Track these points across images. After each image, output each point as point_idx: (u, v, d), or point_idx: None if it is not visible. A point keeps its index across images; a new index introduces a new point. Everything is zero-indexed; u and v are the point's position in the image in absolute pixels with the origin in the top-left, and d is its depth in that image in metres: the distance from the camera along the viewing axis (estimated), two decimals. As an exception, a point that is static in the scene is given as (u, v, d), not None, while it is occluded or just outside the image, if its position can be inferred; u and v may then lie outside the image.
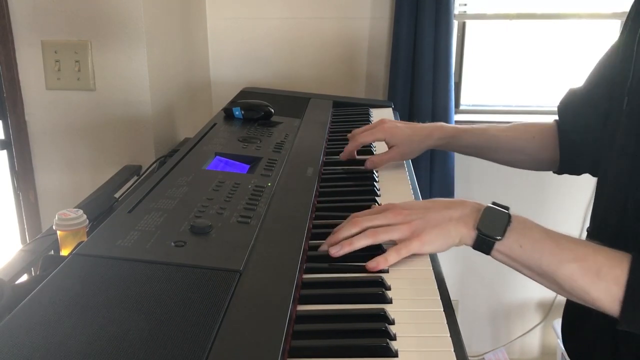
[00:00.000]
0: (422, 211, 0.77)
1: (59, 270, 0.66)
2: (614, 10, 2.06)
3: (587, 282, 0.68)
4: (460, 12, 2.09)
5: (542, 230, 0.73)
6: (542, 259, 0.70)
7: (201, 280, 0.65)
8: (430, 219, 0.76)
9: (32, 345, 0.53)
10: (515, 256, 0.72)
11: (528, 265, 0.72)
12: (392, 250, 0.76)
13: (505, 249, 0.72)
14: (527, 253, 0.71)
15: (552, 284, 0.72)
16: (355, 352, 0.60)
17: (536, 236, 0.72)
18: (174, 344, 0.54)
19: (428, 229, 0.75)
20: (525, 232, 0.73)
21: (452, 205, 0.77)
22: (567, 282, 0.69)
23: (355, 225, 0.79)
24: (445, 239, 0.75)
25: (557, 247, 0.71)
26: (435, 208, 0.78)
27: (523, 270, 0.74)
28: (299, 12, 2.05)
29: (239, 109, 1.36)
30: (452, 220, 0.75)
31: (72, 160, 1.52)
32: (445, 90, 1.98)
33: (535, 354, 2.38)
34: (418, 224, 0.76)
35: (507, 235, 0.72)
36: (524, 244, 0.72)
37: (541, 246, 0.71)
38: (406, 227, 0.76)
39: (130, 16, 1.41)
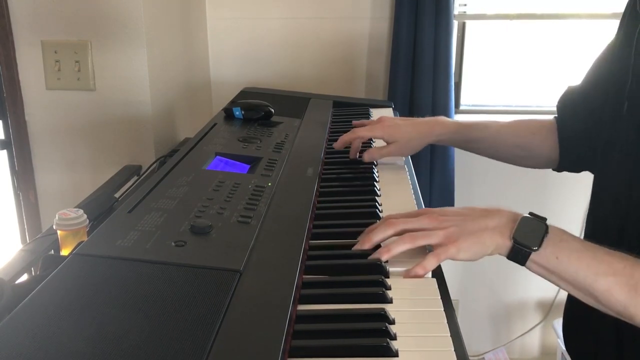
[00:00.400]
0: (459, 218, 0.76)
1: (59, 270, 0.66)
2: (614, 10, 2.06)
3: (624, 297, 0.67)
4: (460, 12, 2.09)
5: (579, 242, 0.72)
6: (579, 272, 0.69)
7: (201, 280, 0.65)
8: (466, 227, 0.75)
9: (32, 345, 0.53)
10: (552, 268, 0.71)
11: (564, 278, 0.71)
12: (431, 256, 0.74)
13: (541, 260, 0.71)
14: (563, 265, 0.70)
15: (590, 297, 0.71)
16: (356, 352, 0.60)
17: (573, 248, 0.71)
18: (174, 344, 0.54)
19: (464, 236, 0.74)
20: (562, 243, 0.71)
21: (489, 214, 0.76)
22: (604, 296, 0.68)
23: (391, 226, 0.78)
24: (480, 248, 0.74)
25: (594, 260, 0.69)
26: (471, 216, 0.76)
27: (559, 282, 0.72)
28: (299, 12, 2.05)
29: (239, 109, 1.36)
30: (488, 229, 0.74)
31: (72, 160, 1.52)
32: (445, 90, 1.98)
33: (535, 354, 2.38)
34: (454, 231, 0.75)
35: (544, 246, 0.71)
36: (560, 256, 0.70)
37: (578, 258, 0.70)
38: (442, 232, 0.75)
39: (130, 16, 1.41)
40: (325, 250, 0.82)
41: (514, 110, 2.20)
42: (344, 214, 0.94)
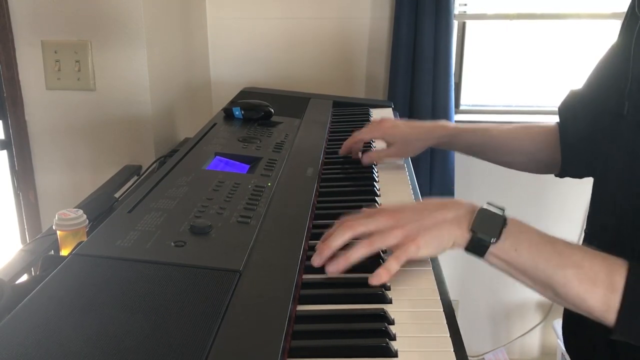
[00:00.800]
0: (415, 213, 0.74)
1: (59, 270, 0.66)
2: (614, 10, 2.06)
3: (583, 289, 0.66)
4: (460, 12, 2.09)
5: (538, 234, 0.71)
6: (538, 264, 0.68)
7: (201, 280, 0.65)
8: (423, 222, 0.73)
9: (32, 345, 0.53)
10: (510, 260, 0.70)
11: (523, 270, 0.69)
12: (392, 259, 0.72)
13: (500, 252, 0.70)
14: (522, 257, 0.69)
15: (547, 291, 0.69)
16: (355, 352, 0.60)
17: (532, 240, 0.70)
18: (174, 344, 0.54)
19: (422, 232, 0.72)
20: (521, 235, 0.70)
21: (446, 207, 0.74)
22: (562, 288, 0.67)
23: (347, 229, 0.75)
24: (440, 242, 0.72)
25: (553, 252, 0.68)
26: (427, 210, 0.74)
27: (518, 275, 0.71)
28: (299, 12, 2.05)
29: (239, 109, 1.36)
30: (446, 221, 0.72)
31: (72, 160, 1.52)
32: (445, 90, 1.98)
33: (535, 354, 2.38)
34: (412, 228, 0.72)
35: (503, 237, 0.69)
36: (519, 248, 0.69)
37: (537, 250, 0.68)
38: (400, 231, 0.72)
39: (130, 16, 1.41)
40: (325, 250, 0.81)
41: (514, 110, 2.20)
42: (344, 214, 0.94)
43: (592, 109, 0.96)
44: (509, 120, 2.14)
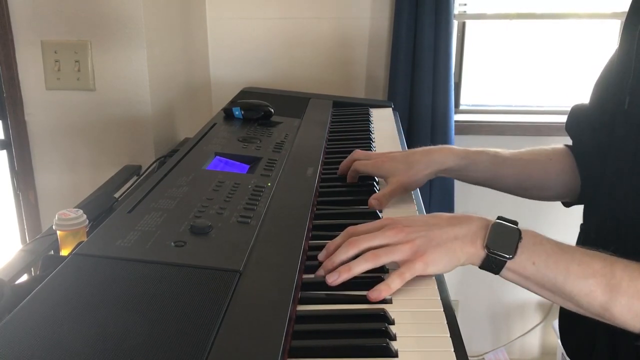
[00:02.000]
0: (425, 228, 0.72)
1: (59, 270, 0.66)
2: (614, 10, 2.06)
3: (606, 298, 0.64)
4: (460, 12, 2.09)
5: (555, 245, 0.69)
6: (557, 277, 0.66)
7: (201, 280, 0.65)
8: (433, 237, 0.70)
9: (32, 345, 0.53)
10: (528, 275, 0.68)
11: (542, 284, 0.68)
12: (395, 275, 0.70)
13: (517, 267, 0.68)
14: (540, 271, 0.67)
15: (569, 302, 0.68)
16: (355, 352, 0.60)
17: (549, 251, 0.68)
18: (174, 344, 0.54)
19: (431, 248, 0.70)
20: (536, 247, 0.68)
21: (457, 222, 0.72)
22: (585, 299, 0.65)
23: (352, 246, 0.72)
24: (450, 259, 0.70)
25: (572, 263, 0.66)
26: (438, 225, 0.72)
27: (537, 289, 0.69)
28: (299, 12, 2.05)
29: (239, 109, 1.36)
30: (458, 238, 0.70)
31: (72, 160, 1.52)
32: (445, 90, 1.98)
33: (535, 354, 2.38)
34: (421, 243, 0.70)
35: (519, 252, 0.67)
36: (537, 261, 0.67)
37: (555, 262, 0.67)
38: (408, 246, 0.70)
39: (130, 16, 1.41)
40: (325, 251, 0.81)
41: (514, 110, 2.20)
42: (344, 214, 0.94)
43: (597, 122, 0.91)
44: (509, 120, 2.14)
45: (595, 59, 2.12)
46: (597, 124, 0.91)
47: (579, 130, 0.97)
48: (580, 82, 2.15)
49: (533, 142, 2.22)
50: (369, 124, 1.44)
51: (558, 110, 2.17)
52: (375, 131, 1.40)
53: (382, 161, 1.01)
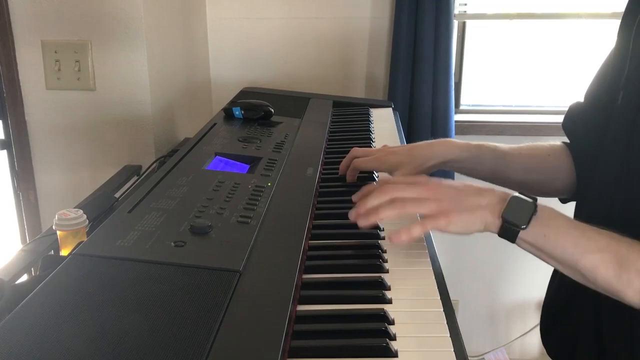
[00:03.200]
0: (453, 192, 0.77)
1: (59, 270, 0.66)
2: (614, 10, 2.06)
3: (610, 273, 0.68)
4: (460, 12, 2.09)
5: (567, 221, 0.73)
6: (565, 250, 0.71)
7: (201, 280, 0.65)
8: (460, 201, 0.76)
9: (32, 345, 0.53)
10: (540, 246, 0.72)
11: (552, 255, 0.72)
12: (418, 224, 0.75)
13: (529, 238, 0.72)
14: (550, 243, 0.72)
15: (577, 275, 0.72)
16: (355, 352, 0.60)
17: (561, 226, 0.72)
18: (174, 344, 0.54)
19: (456, 210, 0.75)
20: (549, 222, 0.73)
21: (482, 192, 0.77)
22: (590, 273, 0.70)
23: (385, 192, 0.79)
24: (471, 223, 0.75)
25: (581, 238, 0.71)
26: (466, 192, 0.77)
27: (548, 260, 0.74)
28: (299, 12, 2.05)
29: (239, 109, 1.36)
30: (480, 207, 0.75)
31: (72, 160, 1.52)
32: (445, 90, 1.98)
33: (535, 354, 2.38)
34: (447, 204, 0.76)
35: (532, 224, 0.72)
36: (548, 234, 0.72)
37: (565, 236, 0.71)
38: (435, 204, 0.76)
39: (130, 16, 1.41)
40: (325, 251, 0.82)
41: (514, 110, 2.20)
42: (344, 214, 0.94)
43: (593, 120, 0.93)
44: (509, 120, 2.14)
45: (595, 59, 2.12)
46: (590, 121, 0.94)
47: (575, 128, 1.00)
48: (580, 82, 2.14)
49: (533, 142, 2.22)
50: (369, 124, 1.44)
51: (558, 110, 2.17)
52: (375, 131, 1.40)
53: (384, 155, 1.03)
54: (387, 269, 0.76)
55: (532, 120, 2.13)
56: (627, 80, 0.82)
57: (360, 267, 0.76)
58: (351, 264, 0.77)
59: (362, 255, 0.79)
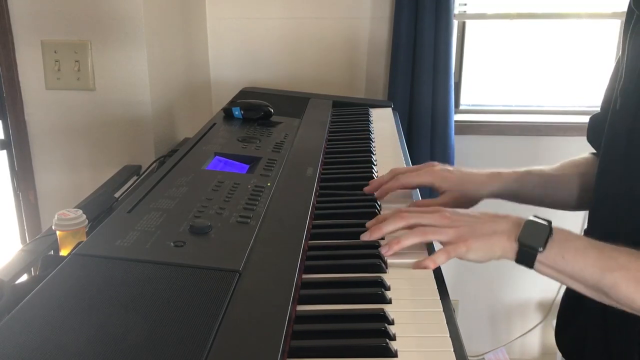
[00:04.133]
0: (469, 219, 0.78)
1: (59, 270, 0.66)
2: (614, 10, 2.06)
3: (631, 290, 0.68)
4: (460, 12, 2.09)
5: (585, 241, 0.73)
6: (585, 270, 0.71)
7: (201, 280, 0.65)
8: (476, 229, 0.76)
9: (32, 345, 0.53)
10: (559, 268, 0.72)
11: (572, 276, 0.72)
12: (442, 252, 0.76)
13: (547, 260, 0.72)
14: (570, 264, 0.71)
15: (600, 294, 0.72)
16: (355, 352, 0.60)
17: (578, 246, 0.72)
18: (174, 344, 0.54)
19: (474, 237, 0.75)
20: (566, 243, 0.73)
21: (497, 219, 0.77)
22: (612, 291, 0.69)
23: (402, 219, 0.80)
24: (488, 251, 0.75)
25: (599, 257, 0.71)
26: (481, 219, 0.78)
27: (569, 282, 0.73)
28: (299, 12, 2.05)
29: (239, 109, 1.36)
30: (497, 233, 0.75)
31: (72, 160, 1.52)
32: (445, 90, 1.98)
33: (535, 354, 2.38)
34: (465, 231, 0.76)
35: (549, 246, 0.72)
36: (566, 255, 0.72)
37: (583, 256, 0.71)
38: (453, 231, 0.77)
39: (130, 16, 1.41)
40: (325, 251, 0.82)
41: (514, 110, 2.20)
42: (344, 214, 0.94)
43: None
44: (509, 120, 2.14)
45: (595, 59, 2.12)
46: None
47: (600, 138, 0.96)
48: (580, 82, 2.15)
49: (533, 142, 2.22)
50: (369, 124, 1.44)
51: (558, 110, 2.17)
52: (375, 131, 1.40)
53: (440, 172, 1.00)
54: (387, 269, 0.76)
55: (532, 120, 2.13)
56: (623, 86, 0.83)
57: (360, 267, 0.76)
58: (351, 264, 0.77)
59: (362, 255, 0.79)
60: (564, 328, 0.99)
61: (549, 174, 1.02)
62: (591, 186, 0.97)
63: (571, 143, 2.02)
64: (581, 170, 1.01)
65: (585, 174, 1.00)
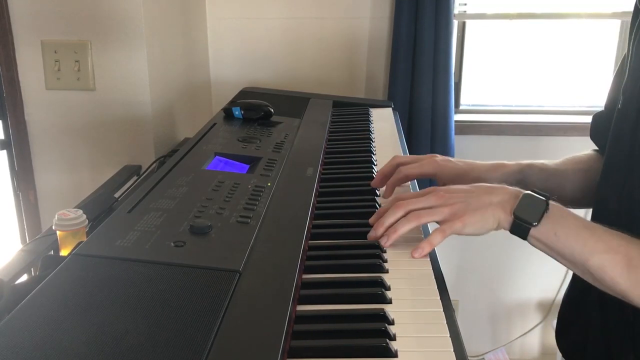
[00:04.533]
0: (464, 194, 0.78)
1: (59, 270, 0.66)
2: (614, 10, 2.06)
3: (617, 273, 0.69)
4: (460, 12, 2.09)
5: (578, 220, 0.74)
6: (575, 249, 0.71)
7: (201, 280, 0.65)
8: (471, 202, 0.77)
9: (32, 345, 0.53)
10: (550, 243, 0.73)
11: (562, 254, 0.73)
12: (437, 232, 0.77)
13: (540, 235, 0.73)
14: (561, 241, 0.72)
15: (585, 274, 0.73)
16: (355, 352, 0.60)
17: (572, 225, 0.73)
18: (174, 344, 0.54)
19: (469, 211, 0.76)
20: (561, 220, 0.73)
21: (493, 191, 0.78)
22: (598, 272, 0.70)
23: (399, 208, 0.80)
24: (485, 223, 0.76)
25: (591, 238, 0.71)
26: (476, 192, 0.78)
27: (558, 258, 0.74)
28: (299, 12, 2.05)
29: (239, 109, 1.36)
30: (492, 204, 0.76)
31: (72, 160, 1.52)
32: (445, 90, 1.98)
33: (535, 354, 2.38)
34: (459, 207, 0.77)
35: (543, 222, 0.73)
36: (558, 232, 0.72)
37: (575, 235, 0.72)
38: (447, 209, 0.77)
39: (130, 16, 1.41)
40: (325, 251, 0.82)
41: (514, 110, 2.20)
42: (344, 214, 0.94)
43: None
44: (509, 120, 2.14)
45: (595, 59, 2.12)
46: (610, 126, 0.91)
47: (601, 137, 0.97)
48: (580, 82, 2.15)
49: (533, 142, 2.22)
50: (369, 124, 1.44)
51: (558, 110, 2.17)
52: (375, 131, 1.40)
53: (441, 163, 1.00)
54: (387, 269, 0.76)
55: (532, 120, 2.13)
56: (626, 86, 0.83)
57: (360, 267, 0.76)
58: (351, 264, 0.77)
59: (362, 255, 0.79)
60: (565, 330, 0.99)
61: (551, 168, 1.02)
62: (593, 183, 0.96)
63: (571, 143, 2.02)
64: (584, 166, 1.02)
65: (587, 170, 1.00)
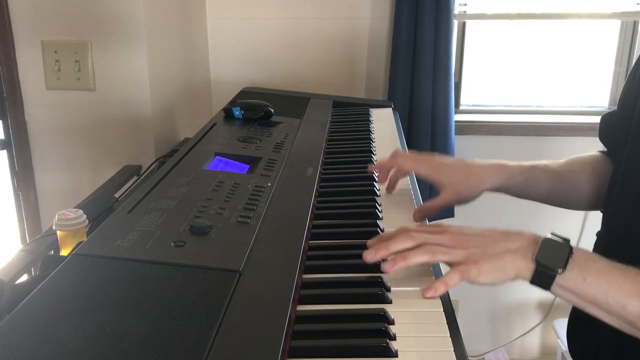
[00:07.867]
0: (479, 239, 0.73)
1: (59, 270, 0.66)
2: (614, 10, 2.06)
3: None
4: (460, 12, 2.09)
5: (607, 262, 0.68)
6: (609, 293, 0.65)
7: (201, 280, 0.65)
8: (487, 249, 0.71)
9: (32, 345, 0.53)
10: (579, 291, 0.67)
11: (594, 301, 0.67)
12: (454, 272, 0.70)
13: (567, 282, 0.67)
14: (592, 287, 0.66)
15: (622, 322, 0.66)
16: (355, 352, 0.60)
17: (601, 268, 0.67)
18: (174, 344, 0.54)
19: (485, 258, 0.70)
20: (588, 264, 0.67)
21: (510, 237, 0.72)
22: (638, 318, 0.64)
23: (410, 238, 0.73)
24: (501, 272, 0.70)
25: (625, 280, 0.65)
26: (492, 237, 0.73)
27: (589, 307, 0.68)
28: (299, 12, 2.05)
29: (239, 109, 1.36)
30: (509, 252, 0.70)
31: (72, 160, 1.52)
32: (445, 90, 1.98)
33: (535, 354, 2.38)
34: (475, 252, 0.71)
35: (569, 267, 0.66)
36: (588, 277, 0.66)
37: (607, 279, 0.66)
38: (462, 252, 0.71)
39: (130, 16, 1.41)
40: (325, 251, 0.82)
41: (514, 110, 2.20)
42: (344, 214, 0.94)
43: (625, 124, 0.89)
44: (509, 120, 2.14)
45: (595, 59, 2.12)
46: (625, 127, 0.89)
47: (613, 137, 0.94)
48: (580, 82, 2.15)
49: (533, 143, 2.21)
50: (369, 124, 1.44)
51: (558, 110, 2.17)
52: (375, 131, 1.40)
53: (438, 163, 0.97)
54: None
55: (532, 120, 2.13)
56: None
57: (360, 267, 0.76)
58: (351, 264, 0.77)
59: (362, 255, 0.79)
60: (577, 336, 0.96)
61: (555, 170, 0.97)
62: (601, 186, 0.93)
63: (572, 143, 2.02)
64: (590, 168, 0.97)
65: (594, 172, 0.95)
